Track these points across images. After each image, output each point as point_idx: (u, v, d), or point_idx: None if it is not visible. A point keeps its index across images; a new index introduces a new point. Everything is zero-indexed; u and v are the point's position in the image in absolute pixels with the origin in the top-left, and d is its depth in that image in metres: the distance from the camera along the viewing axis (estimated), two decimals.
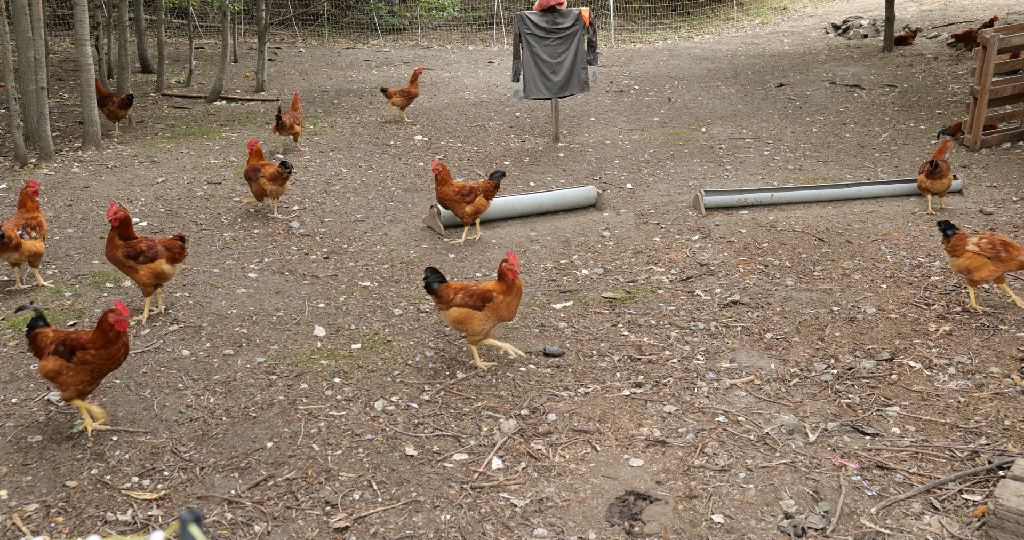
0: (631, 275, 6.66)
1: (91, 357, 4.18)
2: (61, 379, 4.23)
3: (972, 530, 3.53)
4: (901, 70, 15.33)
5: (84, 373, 4.21)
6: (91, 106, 10.32)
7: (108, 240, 5.72)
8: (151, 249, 5.63)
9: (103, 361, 4.22)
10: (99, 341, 4.20)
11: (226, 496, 3.92)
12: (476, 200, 7.25)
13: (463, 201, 7.23)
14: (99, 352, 4.19)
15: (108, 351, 4.21)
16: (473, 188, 7.28)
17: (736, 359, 5.20)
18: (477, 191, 7.27)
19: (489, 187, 7.33)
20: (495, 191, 7.38)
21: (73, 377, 4.22)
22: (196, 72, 16.64)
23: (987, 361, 5.06)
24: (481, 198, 7.28)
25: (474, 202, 7.24)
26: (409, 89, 12.19)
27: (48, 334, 4.38)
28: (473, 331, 5.01)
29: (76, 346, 4.19)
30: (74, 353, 4.19)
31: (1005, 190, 8.55)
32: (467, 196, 7.23)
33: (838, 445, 4.22)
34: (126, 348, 4.31)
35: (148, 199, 8.56)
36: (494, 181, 7.35)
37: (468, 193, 7.24)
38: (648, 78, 16.21)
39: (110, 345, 4.21)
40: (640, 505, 3.80)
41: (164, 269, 5.69)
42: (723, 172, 9.63)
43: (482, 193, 7.29)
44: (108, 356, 4.22)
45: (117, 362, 4.29)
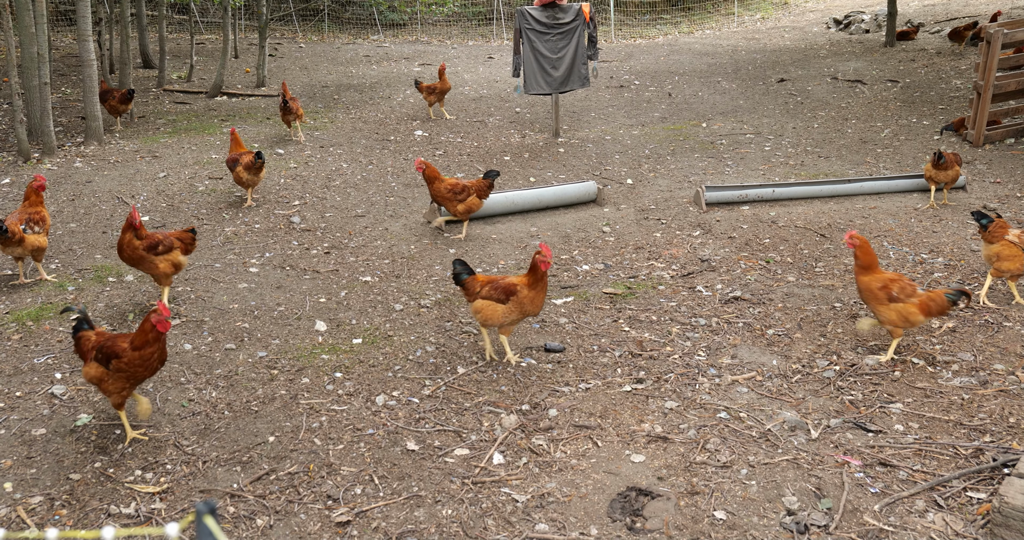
0: (632, 271, 6.65)
1: (124, 365, 4.05)
2: (103, 387, 4.13)
3: (977, 528, 3.53)
4: (903, 65, 15.29)
5: (121, 380, 4.10)
6: (93, 101, 10.31)
7: (124, 242, 5.64)
8: (167, 239, 5.76)
9: (136, 367, 4.07)
10: (137, 341, 4.06)
11: (228, 490, 3.92)
12: (469, 199, 7.25)
13: (455, 199, 7.24)
14: (132, 356, 4.04)
15: (142, 353, 4.06)
16: (466, 187, 7.28)
17: (738, 355, 5.19)
18: (470, 190, 7.27)
19: (482, 186, 7.33)
20: (489, 191, 7.37)
21: (113, 385, 4.11)
22: (197, 68, 16.61)
23: (991, 358, 5.05)
24: (474, 197, 7.28)
25: (467, 201, 7.25)
26: (438, 85, 12.16)
27: (91, 338, 4.26)
28: (496, 324, 5.00)
29: (111, 354, 4.07)
30: (110, 360, 4.07)
31: (1009, 186, 8.54)
32: (459, 194, 7.24)
33: (841, 442, 4.22)
34: (162, 354, 4.15)
35: (150, 194, 8.55)
36: (488, 180, 7.34)
37: (461, 191, 7.26)
38: (648, 73, 16.18)
39: (146, 347, 4.06)
40: (642, 501, 3.80)
41: (180, 259, 5.83)
42: (724, 167, 9.62)
43: (475, 192, 7.29)
44: (142, 361, 4.07)
45: (150, 368, 4.13)
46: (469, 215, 7.40)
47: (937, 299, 4.89)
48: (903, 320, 4.89)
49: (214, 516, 1.20)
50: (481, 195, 7.33)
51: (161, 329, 4.05)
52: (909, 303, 4.88)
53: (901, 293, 4.88)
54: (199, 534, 1.22)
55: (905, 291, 4.89)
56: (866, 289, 5.00)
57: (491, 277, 5.11)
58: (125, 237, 5.65)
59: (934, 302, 4.89)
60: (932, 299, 4.89)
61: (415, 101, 13.68)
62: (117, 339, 4.13)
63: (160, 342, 4.11)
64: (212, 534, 1.17)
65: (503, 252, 7.12)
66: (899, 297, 4.87)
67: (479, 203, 7.33)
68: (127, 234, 5.65)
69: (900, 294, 4.87)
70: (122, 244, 5.67)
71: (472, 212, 7.37)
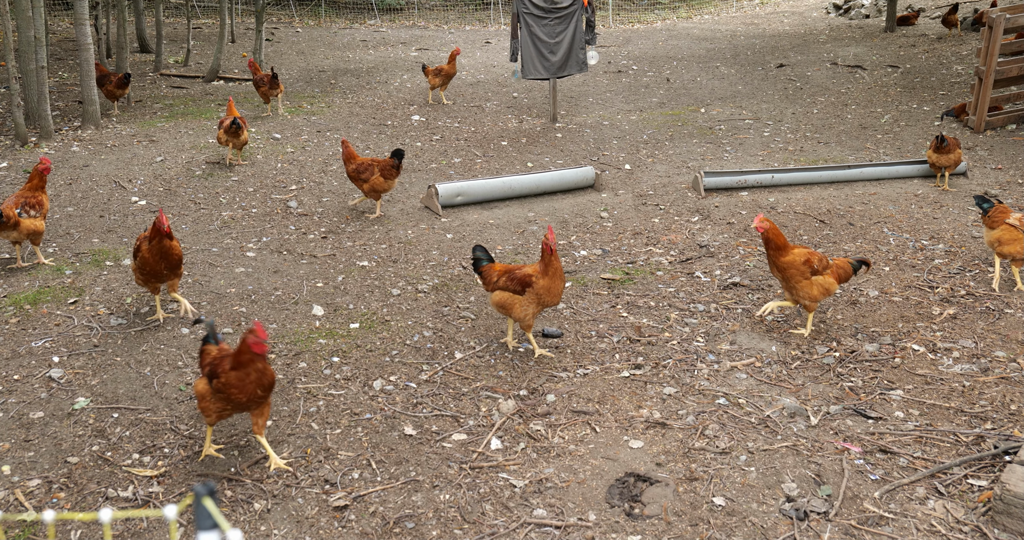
0: (630, 256, 6.62)
1: (221, 385, 3.74)
2: (202, 405, 3.86)
3: (978, 515, 3.53)
4: (904, 51, 15.20)
5: (221, 401, 3.79)
6: (90, 85, 10.21)
7: (157, 251, 5.12)
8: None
9: (231, 389, 3.73)
10: (234, 361, 3.73)
11: (226, 474, 3.91)
12: (372, 178, 7.21)
13: (359, 178, 7.27)
14: (229, 377, 3.72)
15: (238, 374, 3.71)
16: (370, 165, 7.26)
17: (736, 341, 5.18)
18: (373, 168, 7.24)
19: (386, 165, 7.26)
20: (393, 170, 7.27)
21: (213, 404, 3.82)
22: (194, 52, 16.47)
23: (992, 345, 5.04)
24: (377, 176, 7.21)
25: (370, 180, 7.22)
26: (445, 68, 12.07)
27: (211, 352, 4.02)
28: (516, 317, 4.89)
29: (215, 373, 3.78)
30: (214, 377, 3.79)
31: (1010, 172, 8.50)
32: (362, 173, 7.24)
33: (840, 428, 4.21)
34: (261, 376, 3.75)
35: (147, 178, 8.49)
36: (392, 160, 7.28)
37: (364, 170, 7.24)
38: (647, 58, 16.07)
39: (240, 368, 3.71)
40: (640, 487, 3.79)
41: None
42: (722, 153, 9.57)
43: (379, 171, 7.24)
44: (237, 382, 3.71)
45: (246, 392, 3.74)
46: (378, 194, 7.38)
47: (844, 266, 5.17)
48: (823, 292, 5.04)
49: (213, 498, 1.18)
50: (386, 175, 7.25)
51: (257, 351, 3.68)
52: (827, 274, 5.06)
53: (820, 265, 5.03)
54: (197, 516, 1.20)
55: (822, 262, 5.07)
56: (791, 267, 5.03)
57: (508, 266, 5.02)
58: (161, 246, 5.13)
59: (843, 270, 5.16)
60: (841, 267, 5.15)
61: (412, 86, 13.59)
62: (225, 359, 3.81)
63: (256, 364, 3.73)
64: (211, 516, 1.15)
65: (500, 237, 7.09)
66: (819, 270, 5.02)
67: (383, 182, 7.26)
68: (172, 241, 5.17)
69: (819, 266, 5.03)
70: (155, 256, 5.15)
71: (378, 191, 7.31)
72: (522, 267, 4.95)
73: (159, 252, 5.15)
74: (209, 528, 1.13)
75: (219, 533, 1.14)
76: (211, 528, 1.13)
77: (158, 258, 5.15)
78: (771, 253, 5.09)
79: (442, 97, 12.33)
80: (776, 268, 5.11)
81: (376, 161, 7.32)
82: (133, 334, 5.26)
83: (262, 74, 11.19)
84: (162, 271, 5.21)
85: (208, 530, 1.13)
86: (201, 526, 1.14)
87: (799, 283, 5.02)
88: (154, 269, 5.18)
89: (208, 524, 1.13)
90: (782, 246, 5.06)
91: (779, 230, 5.08)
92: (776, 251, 5.07)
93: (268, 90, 11.02)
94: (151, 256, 5.16)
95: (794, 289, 5.07)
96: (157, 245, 5.15)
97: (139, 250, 5.24)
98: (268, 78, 10.94)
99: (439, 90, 12.27)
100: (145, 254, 5.17)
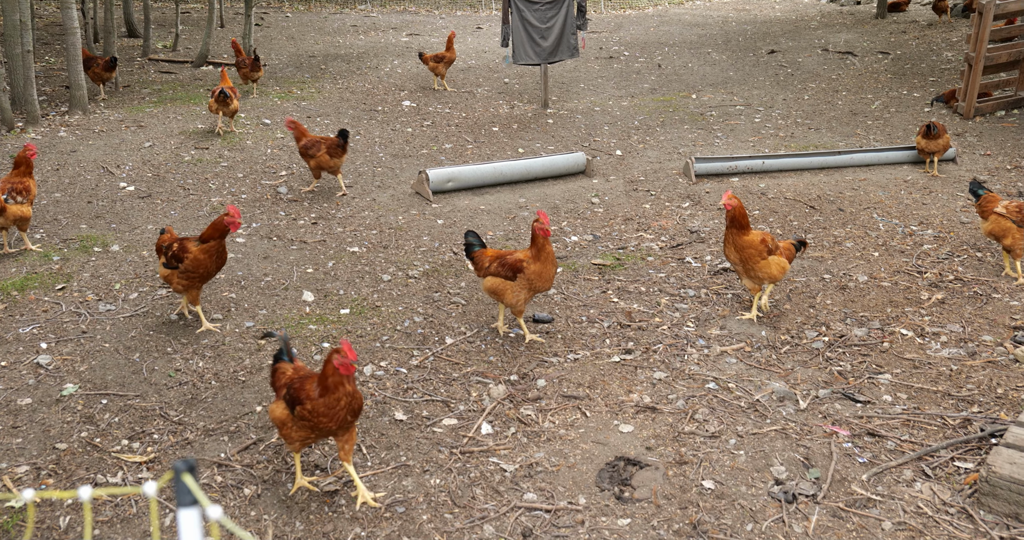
0: (621, 242, 6.62)
1: (307, 413, 3.43)
2: (284, 432, 3.57)
3: (964, 497, 3.56)
4: (894, 37, 15.19)
5: (305, 430, 3.50)
6: (77, 70, 10.10)
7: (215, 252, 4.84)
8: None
9: (319, 417, 3.42)
10: (320, 387, 3.42)
11: (216, 459, 3.90)
12: (319, 155, 7.38)
13: (307, 154, 7.43)
14: (316, 404, 3.41)
15: (327, 401, 3.41)
16: (317, 142, 7.43)
17: (727, 326, 5.19)
18: (320, 146, 7.40)
19: (332, 143, 7.43)
20: (339, 149, 7.43)
21: (296, 432, 3.53)
22: (183, 37, 16.30)
23: (980, 329, 5.08)
24: (323, 153, 7.37)
25: (316, 156, 7.39)
26: (445, 54, 11.98)
27: (286, 372, 3.71)
28: (507, 303, 4.87)
29: (296, 399, 3.47)
30: (295, 405, 3.47)
31: (999, 158, 8.53)
32: (310, 150, 7.41)
33: (829, 412, 4.24)
34: (351, 400, 3.45)
35: (135, 164, 8.42)
36: (338, 139, 7.44)
37: (311, 146, 7.39)
38: (638, 44, 16.01)
39: (327, 393, 3.41)
40: (630, 470, 3.81)
41: None
42: (714, 139, 9.56)
43: (325, 149, 7.38)
44: (326, 409, 3.41)
45: (336, 419, 3.44)
46: (320, 171, 7.56)
47: (789, 247, 5.29)
48: (780, 270, 5.10)
49: (193, 474, 1.17)
50: (332, 153, 7.41)
51: (344, 372, 3.40)
52: (779, 254, 5.13)
53: (773, 245, 5.10)
54: (177, 493, 1.19)
55: (775, 243, 5.14)
56: (749, 246, 5.03)
57: (499, 251, 4.99)
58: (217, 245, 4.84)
59: (789, 251, 5.27)
60: (788, 248, 5.27)
61: (403, 71, 13.50)
62: (306, 381, 3.51)
63: (345, 388, 3.43)
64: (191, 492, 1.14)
65: (491, 223, 7.07)
66: (773, 249, 5.09)
67: (328, 159, 7.42)
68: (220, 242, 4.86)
69: (773, 246, 5.10)
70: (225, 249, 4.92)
71: (323, 167, 7.48)
72: (513, 252, 4.92)
73: (217, 253, 4.80)
74: (189, 504, 1.12)
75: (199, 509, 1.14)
76: (191, 504, 1.12)
77: (213, 259, 4.79)
78: (733, 232, 5.07)
79: (445, 84, 12.25)
80: (734, 248, 5.08)
81: (324, 139, 7.51)
82: (122, 320, 5.23)
83: (244, 56, 11.39)
84: (214, 273, 4.87)
85: (188, 506, 1.12)
86: (181, 502, 1.13)
87: (757, 263, 5.03)
88: (208, 271, 4.84)
89: (188, 500, 1.12)
90: (745, 226, 5.08)
91: (745, 210, 5.09)
92: (739, 230, 5.06)
93: (248, 72, 11.31)
94: (207, 257, 4.76)
95: (752, 270, 5.08)
96: (216, 246, 4.79)
97: (183, 251, 4.77)
98: (250, 61, 11.26)
99: (442, 77, 12.18)
100: (199, 255, 4.73)
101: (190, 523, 1.12)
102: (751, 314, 5.23)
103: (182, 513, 1.13)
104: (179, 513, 1.16)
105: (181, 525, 1.16)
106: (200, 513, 1.15)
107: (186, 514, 1.13)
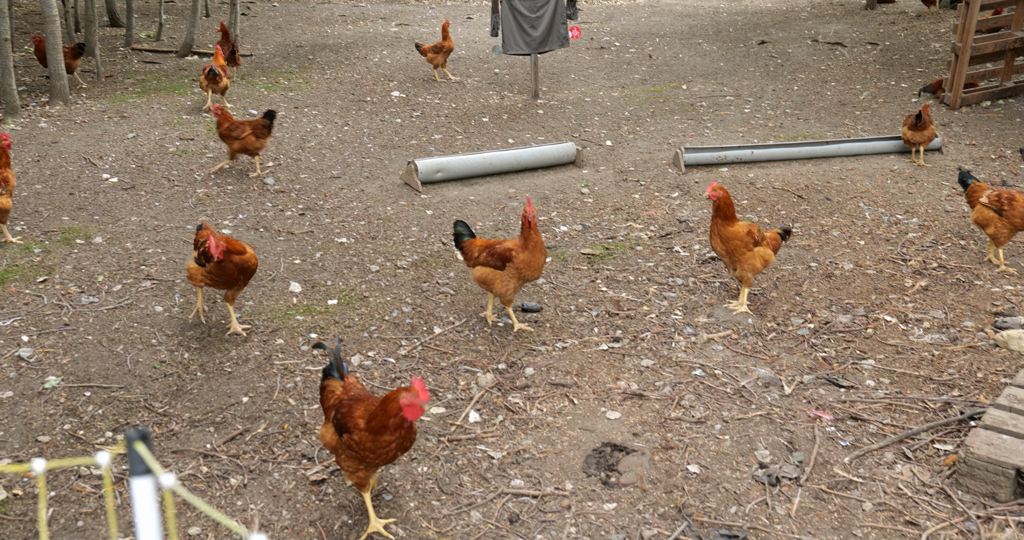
0: (610, 232, 6.63)
1: (354, 443, 3.15)
2: (337, 459, 3.33)
3: (943, 478, 3.60)
4: (883, 28, 15.22)
5: (353, 460, 3.24)
6: (58, 59, 9.98)
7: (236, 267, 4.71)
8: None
9: (365, 451, 3.14)
10: (375, 422, 3.11)
11: (201, 450, 3.89)
12: (244, 136, 7.49)
13: (230, 136, 7.54)
14: (363, 437, 3.11)
15: (377, 439, 3.10)
16: (242, 124, 7.54)
17: (714, 314, 5.21)
18: (245, 128, 7.53)
19: (258, 125, 7.54)
20: (265, 130, 7.55)
21: (345, 461, 3.28)
22: (167, 26, 16.15)
23: (962, 315, 5.11)
24: (249, 135, 7.50)
25: (242, 138, 7.50)
26: (443, 44, 11.90)
27: (335, 391, 3.44)
28: (497, 292, 4.86)
29: (343, 426, 3.21)
30: (343, 431, 3.22)
31: (984, 148, 8.57)
32: (234, 131, 7.52)
33: (813, 397, 4.27)
34: (404, 439, 3.16)
35: (118, 155, 8.35)
36: (263, 120, 7.56)
37: (235, 128, 7.51)
38: (629, 35, 15.98)
39: (384, 432, 3.09)
40: (617, 456, 3.83)
41: None
42: (703, 129, 9.57)
43: (251, 130, 7.51)
44: (374, 446, 3.11)
45: (384, 457, 3.16)
46: (241, 154, 7.70)
47: (775, 237, 5.26)
48: (764, 263, 5.09)
49: (146, 443, 1.16)
50: (258, 134, 7.54)
51: (409, 416, 3.07)
52: (764, 245, 5.11)
53: (759, 236, 5.08)
54: (131, 461, 1.19)
55: (761, 233, 5.12)
56: (735, 237, 5.02)
57: (488, 241, 4.98)
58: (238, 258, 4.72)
59: (775, 241, 5.24)
60: (774, 238, 5.24)
61: (392, 62, 13.43)
62: (356, 406, 3.22)
63: (404, 430, 3.14)
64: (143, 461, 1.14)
65: (481, 214, 7.06)
66: (759, 241, 5.07)
67: (254, 141, 7.54)
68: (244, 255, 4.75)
69: (759, 237, 5.08)
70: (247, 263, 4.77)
71: (249, 149, 7.61)
72: (502, 242, 4.92)
73: (239, 266, 4.71)
74: (142, 473, 1.12)
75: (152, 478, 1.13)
76: (144, 473, 1.12)
77: (236, 271, 4.72)
78: (719, 222, 5.06)
79: (447, 74, 12.18)
80: (720, 239, 5.07)
81: (248, 121, 7.60)
82: (105, 312, 5.20)
83: (231, 41, 11.36)
84: (238, 278, 4.78)
85: (141, 475, 1.12)
86: (135, 471, 1.13)
87: (743, 255, 5.03)
88: (231, 278, 4.74)
89: (141, 469, 1.12)
90: (730, 217, 5.06)
91: (731, 200, 5.07)
92: (724, 221, 5.05)
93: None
94: (232, 266, 4.68)
95: (738, 261, 5.08)
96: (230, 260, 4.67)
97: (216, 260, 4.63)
98: (227, 53, 11.15)
99: (442, 67, 12.10)
100: (227, 264, 4.65)
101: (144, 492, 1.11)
102: (742, 307, 5.19)
103: (135, 482, 1.13)
104: (132, 482, 1.15)
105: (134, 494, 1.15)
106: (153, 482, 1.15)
107: (139, 483, 1.13)
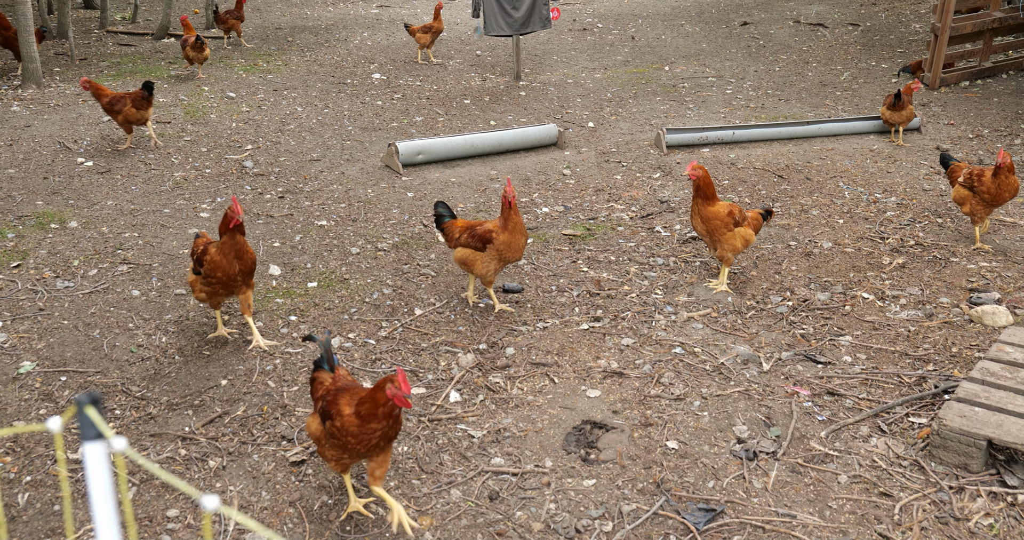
0: (591, 213, 6.62)
1: (336, 430, 3.12)
2: (320, 449, 3.30)
3: (917, 451, 3.64)
4: (864, 8, 15.24)
5: (336, 449, 3.20)
6: (29, 41, 9.81)
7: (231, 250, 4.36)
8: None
9: (348, 438, 3.12)
10: (362, 410, 3.09)
11: (180, 433, 3.87)
12: (125, 109, 7.65)
13: (113, 110, 7.70)
14: (347, 423, 3.09)
15: (362, 427, 3.08)
16: (122, 97, 7.69)
17: (694, 293, 5.23)
18: (125, 100, 7.67)
19: (137, 96, 7.65)
20: (144, 101, 7.66)
21: (329, 450, 3.25)
22: (142, 8, 15.90)
23: (938, 292, 5.16)
24: (130, 107, 7.64)
25: (123, 111, 7.66)
26: (433, 25, 11.78)
27: (324, 382, 3.42)
28: (477, 274, 4.85)
29: (328, 413, 3.18)
30: (327, 418, 3.19)
31: (962, 127, 8.63)
32: (115, 105, 7.67)
33: (791, 373, 4.30)
34: (389, 428, 3.13)
35: (93, 138, 8.23)
36: (142, 91, 7.66)
37: (116, 102, 7.67)
38: (612, 16, 15.90)
39: (372, 420, 3.07)
40: (596, 433, 3.84)
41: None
42: (685, 110, 9.56)
43: (131, 102, 7.65)
44: (359, 433, 3.09)
45: (367, 445, 3.12)
46: (130, 126, 7.81)
47: (756, 217, 5.24)
48: (744, 243, 5.09)
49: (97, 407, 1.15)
50: (138, 105, 7.65)
51: (398, 404, 3.06)
52: (745, 225, 5.11)
53: (740, 217, 5.08)
54: (82, 426, 1.17)
55: (743, 214, 5.12)
56: (715, 217, 5.03)
57: (469, 222, 4.96)
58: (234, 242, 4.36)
59: (757, 221, 5.22)
60: (755, 218, 5.22)
61: (372, 44, 13.30)
62: (341, 395, 3.21)
63: (391, 419, 3.11)
64: (94, 425, 1.12)
65: (462, 195, 7.03)
66: (740, 221, 5.07)
67: (135, 112, 7.66)
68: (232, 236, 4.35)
69: (739, 218, 5.07)
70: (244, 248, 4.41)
71: (131, 121, 7.73)
72: (483, 223, 4.89)
73: (233, 251, 4.34)
74: (94, 438, 1.10)
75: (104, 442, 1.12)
76: (95, 438, 1.10)
77: (232, 259, 4.34)
78: (699, 202, 5.06)
79: (430, 55, 12.08)
80: (700, 219, 5.07)
81: (127, 94, 7.69)
82: (81, 297, 5.14)
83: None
84: (236, 277, 4.40)
85: (92, 440, 1.10)
86: (86, 436, 1.11)
87: (723, 235, 5.04)
88: (228, 274, 4.35)
89: (92, 434, 1.10)
90: (711, 196, 5.06)
91: (711, 180, 5.06)
92: (704, 201, 5.05)
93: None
94: (223, 258, 4.31)
95: (718, 241, 5.08)
96: (230, 242, 4.35)
97: (205, 253, 4.38)
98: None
99: (427, 49, 11.99)
100: (215, 256, 4.31)
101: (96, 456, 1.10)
102: (722, 286, 5.22)
103: (87, 446, 1.11)
104: (84, 446, 1.14)
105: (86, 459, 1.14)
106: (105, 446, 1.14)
107: (91, 447, 1.12)
